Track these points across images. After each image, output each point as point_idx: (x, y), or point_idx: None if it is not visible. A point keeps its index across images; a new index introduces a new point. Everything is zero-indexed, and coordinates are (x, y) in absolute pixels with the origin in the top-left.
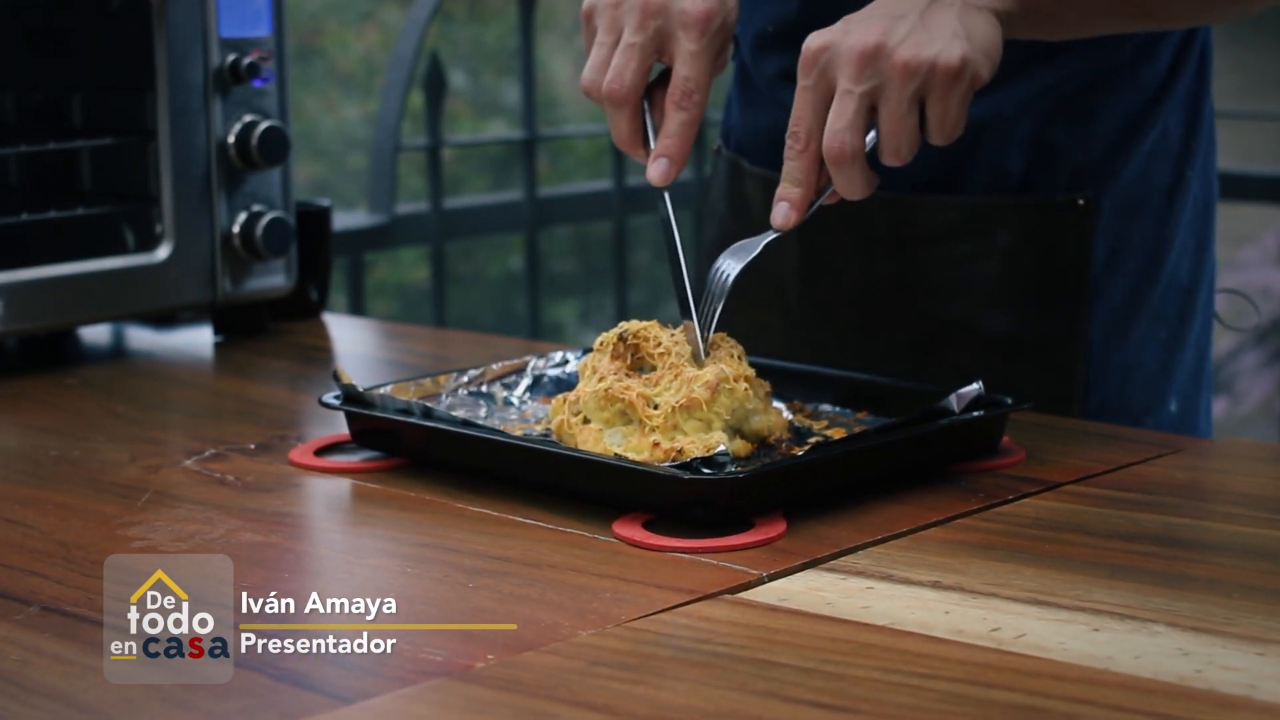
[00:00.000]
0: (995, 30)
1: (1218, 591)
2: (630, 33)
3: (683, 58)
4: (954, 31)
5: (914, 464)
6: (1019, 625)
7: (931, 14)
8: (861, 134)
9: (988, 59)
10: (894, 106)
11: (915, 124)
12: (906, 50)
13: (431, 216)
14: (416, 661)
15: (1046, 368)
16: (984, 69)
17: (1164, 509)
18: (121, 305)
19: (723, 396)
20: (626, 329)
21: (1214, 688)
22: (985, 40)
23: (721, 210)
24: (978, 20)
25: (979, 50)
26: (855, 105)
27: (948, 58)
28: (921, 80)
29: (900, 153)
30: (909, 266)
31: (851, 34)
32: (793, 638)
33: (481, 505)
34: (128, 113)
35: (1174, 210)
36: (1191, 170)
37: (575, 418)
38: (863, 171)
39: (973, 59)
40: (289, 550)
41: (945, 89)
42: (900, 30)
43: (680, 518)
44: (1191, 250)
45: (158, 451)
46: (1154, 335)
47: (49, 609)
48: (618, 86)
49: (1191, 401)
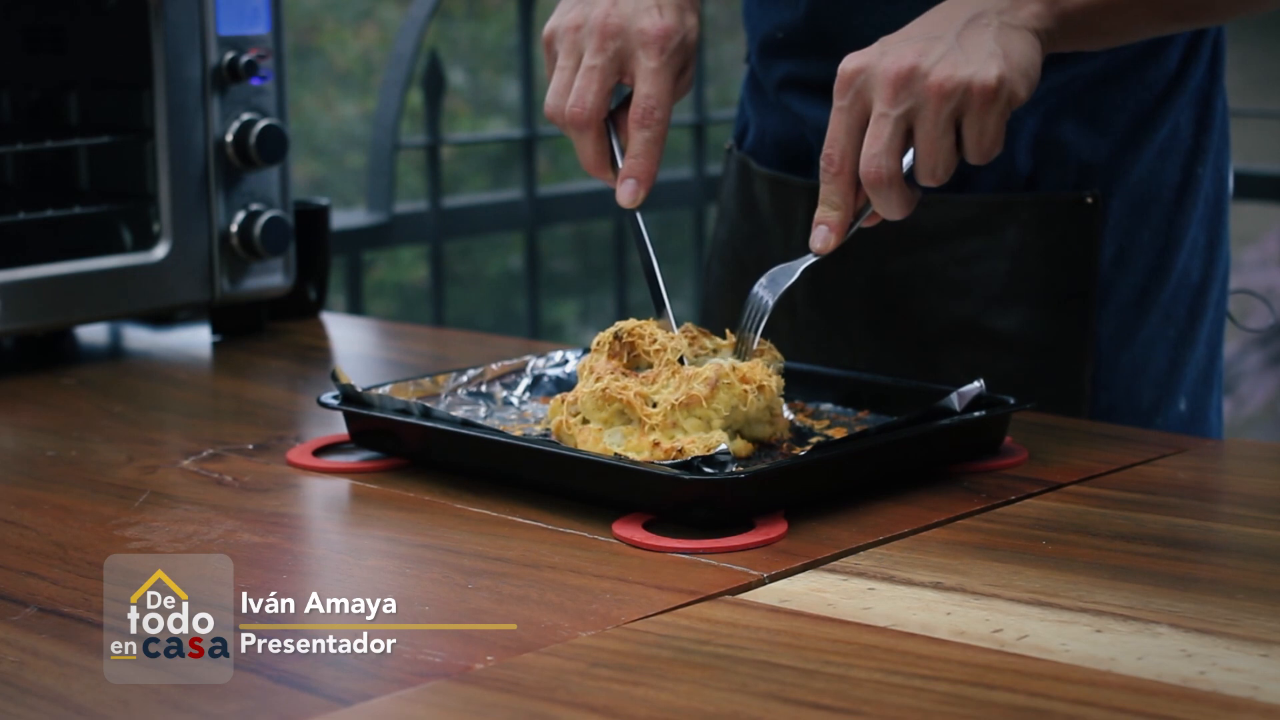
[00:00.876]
0: (1033, 49)
1: (1221, 593)
2: (590, 55)
3: (643, 75)
4: (990, 51)
5: (916, 464)
6: (1021, 626)
7: (968, 34)
8: (898, 157)
9: (1025, 78)
10: (929, 128)
11: (951, 145)
12: (942, 71)
13: (430, 215)
14: (415, 663)
15: (1055, 366)
16: (1021, 88)
17: (1167, 509)
18: (119, 305)
19: (721, 393)
20: (622, 328)
21: (1217, 689)
22: (1022, 59)
23: (732, 210)
24: (1015, 39)
25: (1016, 70)
26: (891, 129)
27: (984, 78)
28: (958, 101)
29: (936, 173)
30: (916, 265)
31: (887, 56)
32: (794, 639)
33: (481, 506)
34: (125, 111)
35: (1184, 208)
36: (1202, 168)
37: (574, 418)
38: (901, 193)
39: (1009, 78)
40: (287, 551)
41: (982, 109)
42: (936, 51)
43: (681, 518)
44: (1203, 248)
45: (155, 452)
46: (1163, 334)
47: (46, 610)
48: (579, 110)
49: (1202, 401)
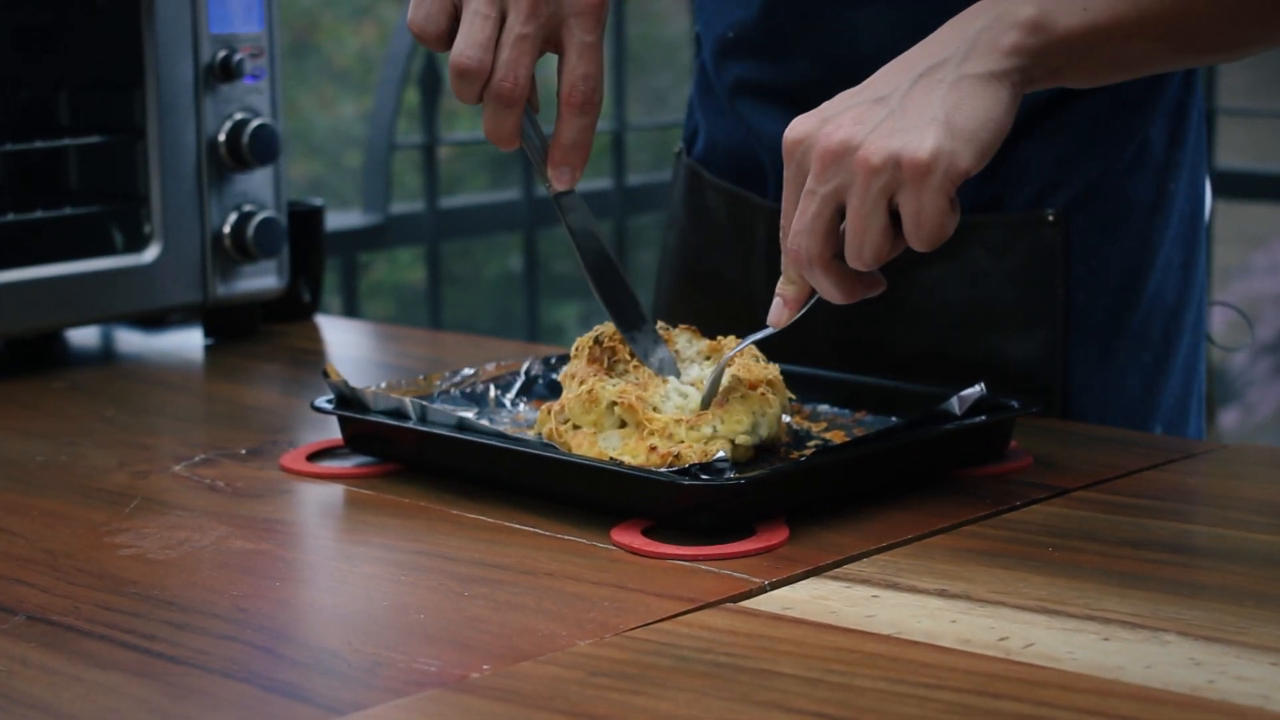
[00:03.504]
0: (993, 103)
1: (1230, 600)
2: (520, 21)
3: (579, 50)
4: (930, 117)
5: (920, 469)
6: (1027, 634)
7: (916, 93)
8: (820, 238)
9: (970, 144)
10: (857, 205)
11: (882, 226)
12: (873, 144)
13: (427, 216)
14: (410, 672)
15: (1023, 394)
16: (964, 158)
17: (1176, 516)
18: (110, 307)
19: (735, 405)
20: (602, 332)
21: (1227, 698)
22: (970, 122)
23: (682, 218)
24: (969, 96)
25: (960, 136)
26: (816, 208)
27: (914, 151)
28: (887, 177)
29: (863, 256)
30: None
31: (827, 124)
32: (796, 647)
33: (477, 512)
34: (116, 110)
35: (1156, 226)
36: (1176, 183)
37: (564, 425)
38: (831, 275)
39: (946, 150)
40: (280, 558)
41: (915, 185)
42: (874, 118)
43: (680, 524)
44: (1177, 267)
45: (146, 457)
46: (1137, 359)
47: (35, 618)
48: (510, 87)
49: (1178, 428)
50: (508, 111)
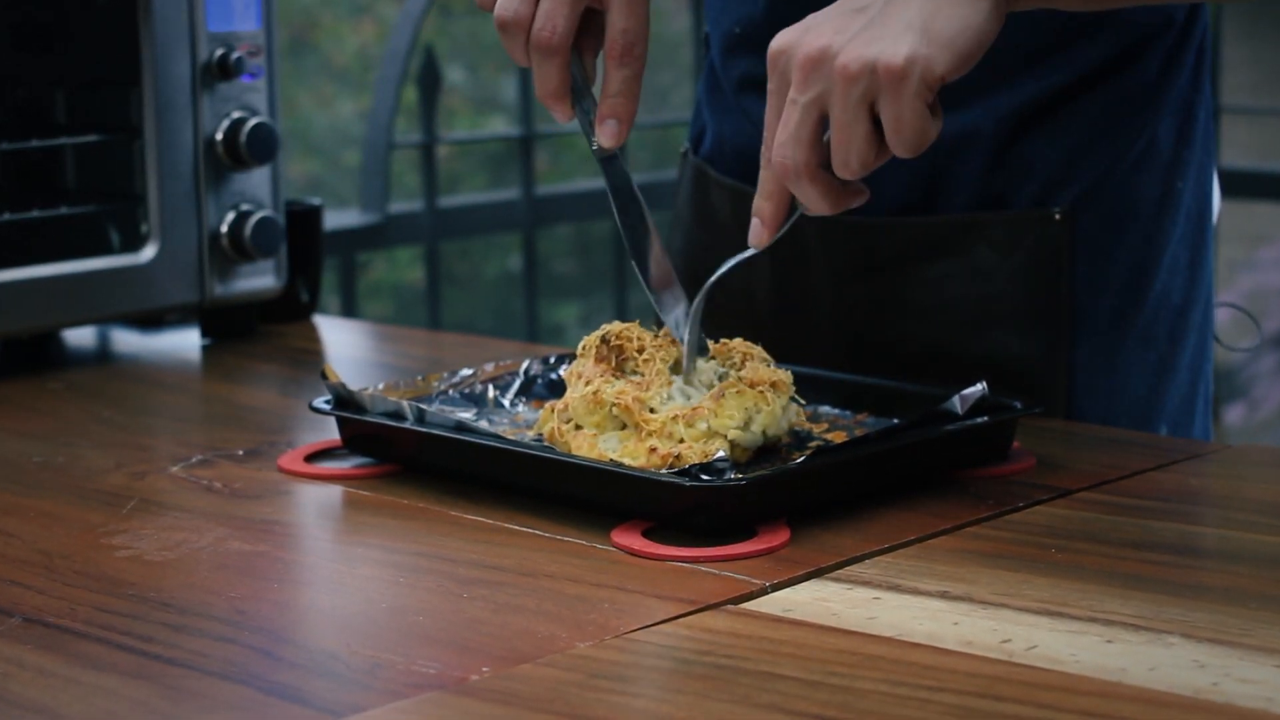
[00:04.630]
0: (973, 13)
1: (1234, 602)
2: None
3: (618, 5)
4: (907, 23)
5: (921, 470)
6: (1030, 636)
7: (895, 3)
8: (806, 146)
9: (947, 50)
10: (839, 114)
11: (866, 132)
12: (850, 51)
13: (426, 215)
14: (409, 674)
15: (1028, 393)
16: (940, 63)
17: (1179, 517)
18: (106, 307)
19: (730, 400)
20: (609, 331)
21: (1231, 701)
22: (947, 29)
23: (687, 218)
24: (949, 3)
25: (936, 42)
26: (799, 116)
27: (889, 57)
28: (865, 84)
29: (850, 164)
30: (882, 290)
31: (808, 34)
32: (797, 649)
33: (476, 513)
34: (112, 109)
35: (1163, 224)
36: (1183, 182)
37: (566, 425)
38: (818, 185)
39: (921, 55)
40: (278, 559)
41: (892, 91)
42: (853, 27)
43: (681, 526)
44: (1184, 267)
45: (144, 457)
46: (1142, 359)
47: (31, 620)
48: (549, 35)
49: (1183, 429)
50: (548, 62)
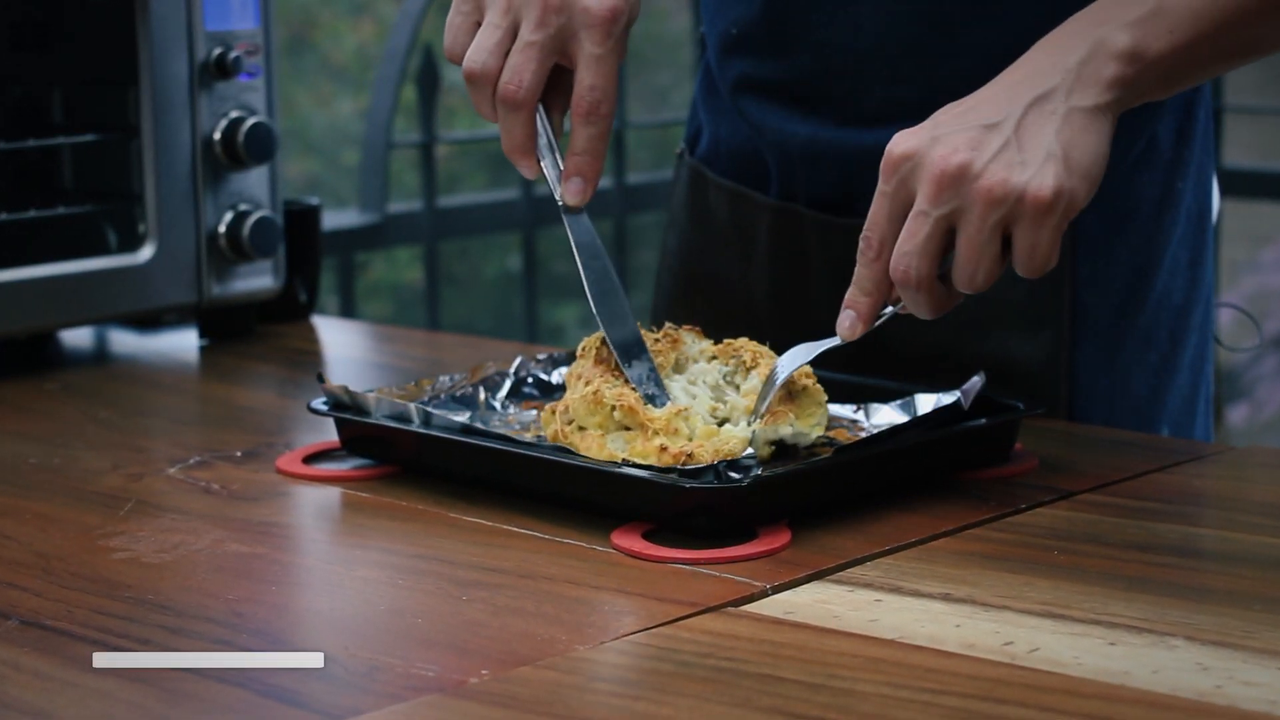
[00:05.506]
0: (1101, 137)
1: (1238, 604)
2: (530, 29)
3: (586, 63)
4: (1049, 152)
5: (924, 471)
6: (1032, 639)
7: (1029, 124)
8: (931, 259)
9: (1086, 181)
10: (973, 234)
11: (997, 253)
12: (994, 175)
13: (425, 215)
14: (408, 677)
15: (1029, 394)
16: (1081, 194)
17: (1182, 519)
18: (103, 307)
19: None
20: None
21: (1234, 704)
22: (1085, 159)
23: (683, 220)
24: (1081, 131)
25: (1077, 174)
26: (929, 230)
27: (1038, 188)
28: (1008, 209)
29: (975, 281)
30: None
31: (938, 145)
32: (798, 652)
33: (475, 515)
34: (110, 108)
35: (1163, 224)
36: (1183, 182)
37: (569, 426)
38: (931, 295)
39: (1067, 188)
40: (276, 561)
41: (1035, 221)
42: (991, 146)
43: (681, 528)
44: (1184, 267)
45: (141, 459)
46: (1143, 359)
47: (28, 623)
48: (515, 89)
49: (1185, 430)
50: (513, 116)
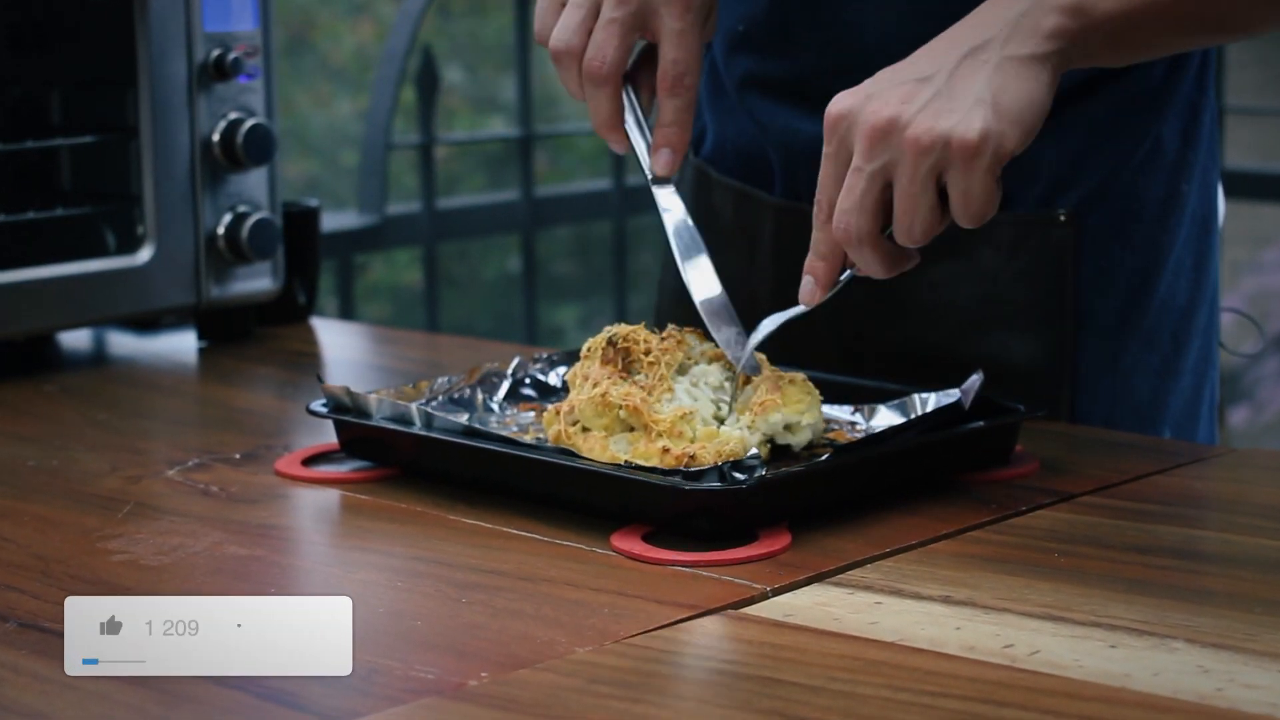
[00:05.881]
0: (1036, 85)
1: (1239, 606)
2: (611, 6)
3: (668, 37)
4: (978, 97)
5: (923, 473)
6: (1033, 641)
7: (961, 75)
8: (870, 215)
9: (1017, 126)
10: (905, 185)
11: (931, 203)
12: (921, 124)
13: (424, 216)
14: (407, 679)
15: (1031, 396)
16: (1011, 139)
17: (1183, 521)
18: (102, 309)
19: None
20: (615, 333)
21: (1235, 706)
22: (1016, 103)
23: None
24: (1014, 78)
25: (1006, 119)
26: (865, 184)
27: (963, 131)
28: (936, 157)
29: (914, 234)
30: (884, 292)
31: (872, 101)
32: (798, 654)
33: (474, 517)
34: (108, 110)
35: (1167, 227)
36: (1188, 184)
37: (573, 427)
38: (877, 251)
39: (994, 131)
40: (275, 564)
41: (965, 166)
42: (921, 97)
43: (681, 530)
44: (1189, 269)
45: (139, 461)
46: (1146, 362)
47: (26, 625)
48: (599, 65)
49: (1187, 433)
50: (599, 91)
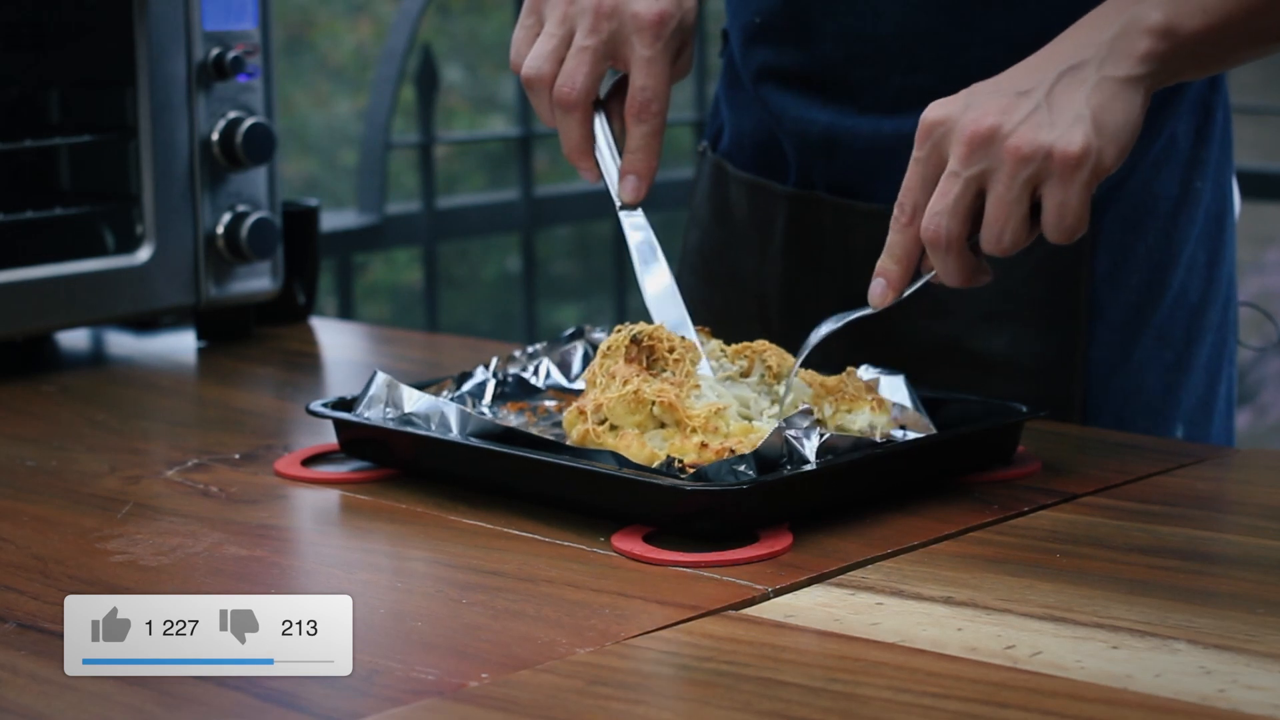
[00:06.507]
0: (1133, 106)
1: (1241, 607)
2: (583, 35)
3: (638, 64)
4: (1078, 114)
5: (925, 474)
6: (1034, 642)
7: (1060, 91)
8: (961, 219)
9: (1114, 144)
10: (1002, 192)
11: (1024, 214)
12: (1023, 135)
13: (424, 216)
14: (408, 680)
15: (1043, 390)
16: (1109, 156)
17: (1185, 521)
18: (101, 309)
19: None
20: (640, 331)
21: (1237, 708)
22: (1115, 122)
23: (704, 215)
24: (1112, 97)
25: (1106, 135)
26: (960, 189)
27: (1066, 145)
28: (1036, 167)
29: (1002, 242)
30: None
31: (970, 110)
32: (799, 656)
33: (475, 518)
34: (107, 109)
35: (1180, 223)
36: (1201, 180)
37: (601, 426)
38: (961, 259)
39: (1095, 147)
40: (275, 564)
41: (1064, 178)
42: (1021, 110)
43: (682, 530)
44: (1202, 266)
45: (138, 461)
46: (1158, 357)
47: (25, 626)
48: (569, 91)
49: (1200, 429)
50: (568, 117)
